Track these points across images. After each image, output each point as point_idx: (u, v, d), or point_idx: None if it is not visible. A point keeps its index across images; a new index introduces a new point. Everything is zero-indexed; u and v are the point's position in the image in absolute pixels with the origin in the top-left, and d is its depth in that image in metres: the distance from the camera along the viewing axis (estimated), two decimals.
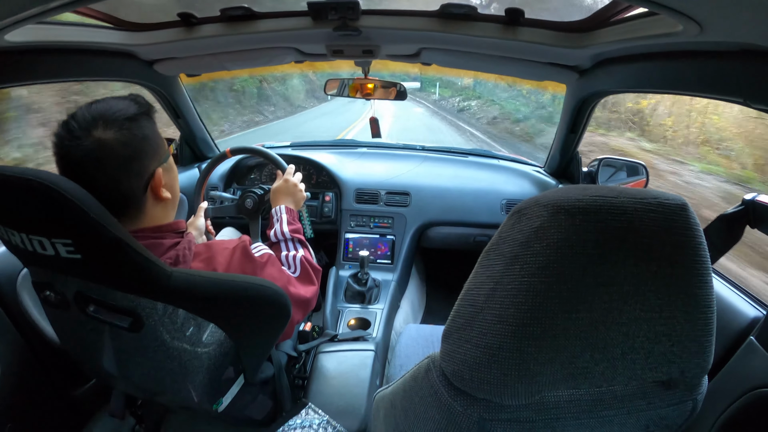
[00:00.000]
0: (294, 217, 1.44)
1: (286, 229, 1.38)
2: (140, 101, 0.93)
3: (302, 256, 1.30)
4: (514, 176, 2.39)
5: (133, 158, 0.88)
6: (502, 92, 17.26)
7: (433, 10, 1.39)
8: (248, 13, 1.47)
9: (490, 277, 0.59)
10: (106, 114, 0.85)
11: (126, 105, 0.89)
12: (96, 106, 0.87)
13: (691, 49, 1.04)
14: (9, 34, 1.04)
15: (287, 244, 1.36)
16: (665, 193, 0.56)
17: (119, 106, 0.88)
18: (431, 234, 2.29)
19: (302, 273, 1.26)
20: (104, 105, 0.87)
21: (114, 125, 0.85)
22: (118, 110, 0.87)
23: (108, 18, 1.47)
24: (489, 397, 0.60)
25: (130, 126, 0.87)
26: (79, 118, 0.85)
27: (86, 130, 0.83)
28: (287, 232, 1.37)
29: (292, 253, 1.31)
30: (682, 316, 0.57)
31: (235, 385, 1.11)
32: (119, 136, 0.85)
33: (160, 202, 0.95)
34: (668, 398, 0.65)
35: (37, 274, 0.93)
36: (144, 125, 0.91)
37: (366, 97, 1.94)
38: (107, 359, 1.02)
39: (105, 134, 0.84)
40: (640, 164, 2.06)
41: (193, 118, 2.30)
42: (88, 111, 0.86)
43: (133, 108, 0.89)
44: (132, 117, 0.88)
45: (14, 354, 1.33)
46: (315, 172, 2.40)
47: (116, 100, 0.90)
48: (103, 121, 0.84)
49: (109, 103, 0.88)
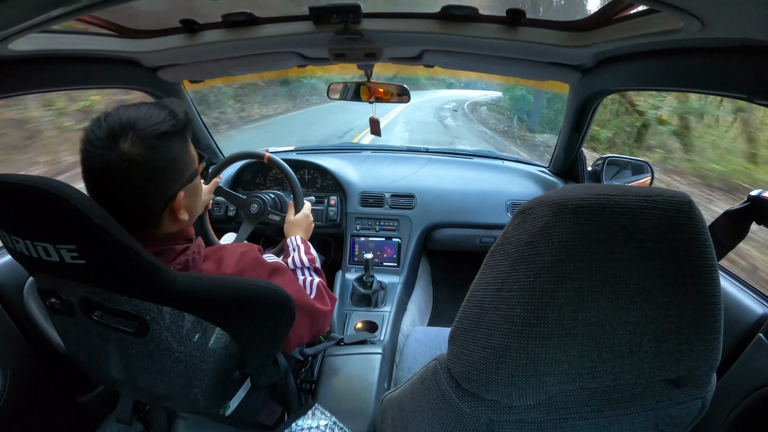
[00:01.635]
0: (309, 247, 1.48)
1: (304, 257, 1.41)
2: (178, 116, 0.88)
3: (319, 281, 1.33)
4: (518, 176, 2.39)
5: (155, 179, 0.85)
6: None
7: (434, 12, 1.39)
8: (250, 18, 1.47)
9: (495, 278, 0.59)
10: (137, 126, 0.82)
11: (161, 119, 0.85)
12: (130, 112, 0.84)
13: (693, 46, 1.04)
14: (12, 43, 1.05)
15: (304, 271, 1.38)
16: (670, 191, 0.56)
17: (153, 120, 0.84)
18: (437, 236, 2.29)
19: (317, 296, 1.28)
20: (138, 113, 0.84)
21: (143, 142, 0.82)
22: (151, 124, 0.83)
23: (111, 26, 1.48)
24: (497, 398, 0.60)
25: (158, 145, 0.84)
26: (110, 124, 0.81)
27: (113, 140, 0.80)
28: (306, 260, 1.40)
29: (309, 279, 1.33)
30: (689, 313, 0.57)
31: (241, 389, 1.11)
32: (145, 154, 0.82)
33: (176, 221, 0.93)
34: (677, 396, 0.64)
35: (42, 281, 0.93)
36: (174, 145, 0.87)
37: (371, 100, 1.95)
38: (114, 365, 1.02)
39: (132, 149, 0.81)
40: (645, 162, 2.05)
41: (198, 125, 2.31)
42: (120, 116, 0.83)
43: (168, 124, 0.85)
44: (163, 134, 0.84)
45: (22, 361, 1.34)
46: (320, 176, 2.40)
47: (153, 110, 0.86)
48: (133, 133, 0.81)
49: (144, 112, 0.84)
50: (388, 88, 1.91)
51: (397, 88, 1.92)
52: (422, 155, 2.63)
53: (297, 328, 1.12)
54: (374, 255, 2.15)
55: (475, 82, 23.80)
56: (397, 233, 2.25)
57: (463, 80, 25.39)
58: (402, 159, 2.58)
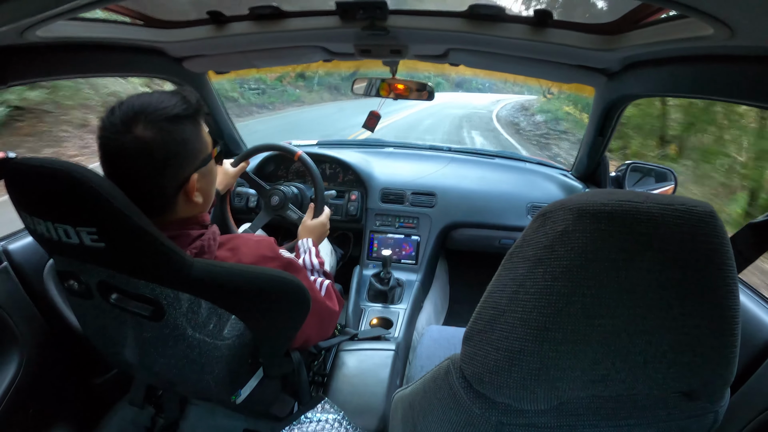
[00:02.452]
0: (319, 252, 1.49)
1: (315, 260, 1.43)
2: (190, 101, 0.91)
3: (329, 283, 1.34)
4: (540, 179, 2.37)
5: (168, 161, 0.88)
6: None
7: (461, 10, 1.38)
8: (276, 11, 1.47)
9: (513, 280, 0.59)
10: (148, 110, 0.85)
11: (173, 103, 0.88)
12: (143, 99, 0.87)
13: (722, 54, 1.02)
14: (41, 29, 1.06)
15: (314, 273, 1.40)
16: (692, 200, 0.55)
17: (165, 104, 0.87)
18: (456, 235, 2.28)
19: (327, 296, 1.30)
20: (151, 99, 0.87)
21: (154, 125, 0.84)
22: (161, 108, 0.86)
23: (138, 15, 1.50)
24: (508, 401, 0.59)
25: (170, 128, 0.86)
26: (124, 109, 0.85)
27: (126, 125, 0.83)
28: (316, 263, 1.42)
29: (320, 279, 1.34)
30: (706, 326, 0.56)
31: (253, 378, 1.12)
32: (157, 137, 0.85)
33: (190, 203, 0.95)
34: (689, 409, 0.63)
35: (61, 263, 0.95)
36: (186, 128, 0.90)
37: (396, 97, 1.94)
38: (129, 349, 1.04)
39: (144, 133, 0.84)
40: (669, 170, 2.03)
41: (221, 115, 2.33)
42: (133, 103, 0.86)
43: (178, 108, 0.88)
44: (174, 118, 0.87)
45: (39, 342, 1.36)
46: (341, 171, 2.41)
47: (165, 95, 0.89)
48: (144, 117, 0.84)
49: (156, 98, 0.87)
50: (410, 85, 1.91)
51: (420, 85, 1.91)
52: (445, 154, 2.62)
53: (305, 326, 1.13)
54: (393, 252, 2.15)
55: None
56: (417, 231, 2.24)
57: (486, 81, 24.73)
58: (424, 157, 2.57)
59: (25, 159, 0.79)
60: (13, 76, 1.20)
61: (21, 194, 0.83)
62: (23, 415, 1.30)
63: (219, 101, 2.26)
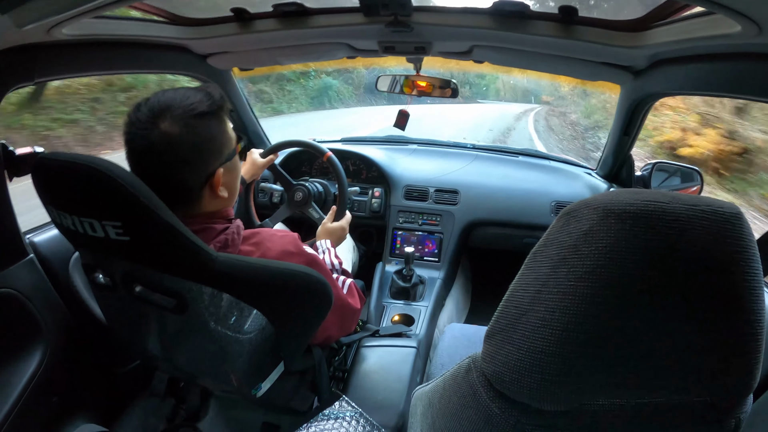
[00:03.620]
0: (336, 253, 1.50)
1: (335, 260, 1.44)
2: (214, 97, 0.93)
3: (351, 281, 1.35)
4: (564, 178, 2.35)
5: (194, 156, 0.90)
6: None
7: (485, 7, 1.37)
8: (300, 9, 1.48)
9: (536, 280, 0.59)
10: (174, 106, 0.87)
11: (198, 100, 0.90)
12: (168, 95, 0.89)
13: (750, 51, 1.00)
14: (67, 27, 1.08)
15: (334, 272, 1.40)
16: (719, 201, 0.54)
17: (191, 100, 0.89)
18: (479, 233, 2.27)
19: (349, 293, 1.30)
20: (176, 95, 0.89)
21: (180, 121, 0.87)
22: (188, 105, 0.88)
23: (163, 13, 1.51)
24: (528, 402, 0.59)
25: (196, 124, 0.88)
26: (150, 105, 0.87)
27: (153, 121, 0.85)
28: (336, 263, 1.43)
29: (342, 278, 1.35)
30: (729, 331, 0.54)
31: (274, 372, 1.13)
32: (184, 133, 0.87)
33: (216, 197, 0.97)
34: (711, 415, 0.62)
35: (86, 256, 0.97)
36: (211, 124, 0.92)
37: (420, 94, 1.94)
38: (152, 340, 1.05)
39: (170, 128, 0.86)
40: (695, 170, 1.99)
41: (246, 112, 2.34)
42: (159, 99, 0.88)
43: (204, 104, 0.90)
44: (200, 114, 0.89)
45: (64, 332, 1.38)
46: (365, 168, 2.41)
47: (190, 92, 0.91)
48: (170, 113, 0.86)
49: (181, 95, 0.90)
50: (434, 82, 1.90)
51: (443, 81, 1.90)
52: (468, 151, 2.61)
53: (326, 322, 1.13)
54: (415, 249, 2.14)
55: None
56: (440, 228, 2.24)
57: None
58: (448, 154, 2.57)
59: (52, 154, 0.81)
60: (40, 73, 1.23)
61: (47, 189, 0.85)
62: (47, 404, 1.32)
63: (243, 97, 2.28)
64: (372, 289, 2.01)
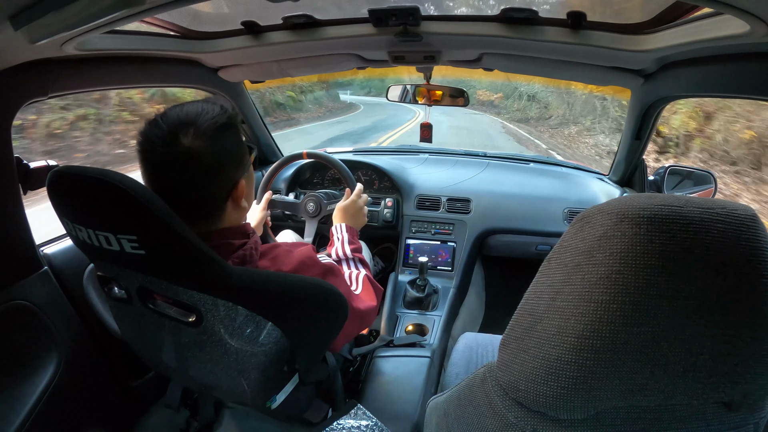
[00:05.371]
0: (354, 235, 1.47)
1: (347, 248, 1.40)
2: (228, 110, 0.94)
3: (365, 275, 1.33)
4: (577, 184, 2.35)
5: (219, 169, 0.90)
6: None
7: (494, 14, 1.38)
8: (310, 20, 1.49)
9: (550, 287, 0.58)
10: (197, 121, 0.87)
11: (217, 113, 0.90)
12: (186, 110, 0.89)
13: (760, 51, 1.00)
14: (79, 42, 1.10)
15: (348, 263, 1.39)
16: (734, 203, 0.54)
17: (210, 114, 0.89)
18: (492, 242, 2.26)
19: (364, 290, 1.29)
20: (195, 109, 0.89)
21: (204, 134, 0.87)
22: (209, 119, 0.88)
23: (174, 27, 1.53)
24: (544, 410, 0.58)
25: (218, 137, 0.89)
26: (170, 121, 0.86)
27: (175, 135, 0.85)
28: (349, 251, 1.40)
29: (355, 273, 1.34)
30: (747, 334, 0.54)
31: (289, 383, 1.13)
32: (208, 146, 0.87)
33: (238, 209, 0.98)
34: (729, 420, 0.61)
35: (102, 269, 0.97)
36: (231, 135, 0.93)
37: (432, 103, 1.95)
38: (166, 353, 1.06)
39: (194, 143, 0.85)
40: (709, 173, 1.98)
41: (257, 124, 2.37)
42: (179, 114, 0.88)
43: (223, 117, 0.91)
44: (221, 127, 0.90)
45: (78, 344, 1.39)
46: (377, 177, 2.42)
47: (206, 105, 0.91)
48: (194, 128, 0.86)
49: (200, 108, 0.90)
50: (445, 90, 1.91)
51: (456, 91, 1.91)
52: (480, 159, 2.61)
53: (345, 328, 1.13)
54: (428, 258, 2.14)
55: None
56: (453, 237, 2.24)
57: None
58: (460, 163, 2.57)
59: (67, 168, 0.81)
60: (53, 88, 1.25)
61: (62, 202, 0.85)
62: (60, 415, 1.33)
63: (255, 109, 2.30)
64: (385, 299, 2.01)
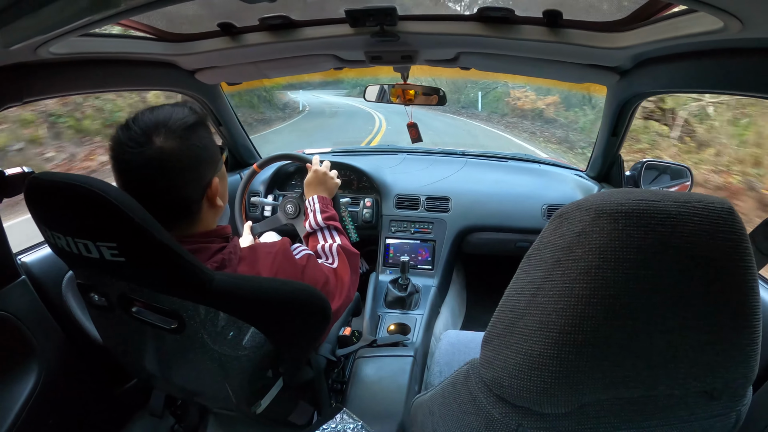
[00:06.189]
0: (327, 204, 1.47)
1: (320, 218, 1.41)
2: (197, 110, 0.95)
3: (338, 245, 1.34)
4: (555, 181, 2.37)
5: (192, 167, 0.91)
6: None
7: (470, 14, 1.38)
8: (287, 21, 1.48)
9: (531, 283, 0.59)
10: (168, 122, 0.88)
11: (185, 114, 0.92)
12: (156, 113, 0.90)
13: (734, 47, 1.01)
14: (54, 46, 1.08)
15: (323, 233, 1.39)
16: (710, 197, 0.55)
17: (179, 115, 0.90)
18: (472, 239, 2.27)
19: (340, 262, 1.29)
20: (164, 112, 0.90)
21: (175, 134, 0.87)
22: (178, 119, 0.89)
23: (150, 30, 1.51)
24: (528, 405, 0.59)
25: (190, 135, 0.90)
26: (141, 123, 0.87)
27: (148, 136, 0.86)
28: (321, 220, 1.41)
29: (329, 243, 1.34)
30: (727, 324, 0.55)
31: (273, 387, 1.12)
32: (180, 145, 0.88)
33: (213, 208, 0.98)
34: (711, 409, 0.63)
35: (82, 276, 0.96)
36: (201, 134, 0.93)
37: (407, 103, 1.95)
38: (149, 360, 1.05)
39: (167, 143, 0.86)
40: (685, 167, 2.01)
41: (235, 126, 2.35)
42: (149, 117, 0.88)
43: (192, 117, 0.92)
44: (191, 126, 0.91)
45: (59, 353, 1.37)
46: (355, 178, 2.42)
47: (175, 108, 0.92)
48: (165, 129, 0.87)
49: (168, 111, 0.91)
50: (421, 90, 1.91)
51: (430, 89, 1.91)
52: (459, 158, 2.62)
53: None
54: (409, 257, 2.14)
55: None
56: (432, 236, 2.24)
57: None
58: (438, 161, 2.57)
59: (45, 174, 0.80)
60: (28, 93, 1.22)
61: (40, 209, 0.84)
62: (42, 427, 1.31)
63: (232, 112, 2.28)
64: (366, 299, 2.01)
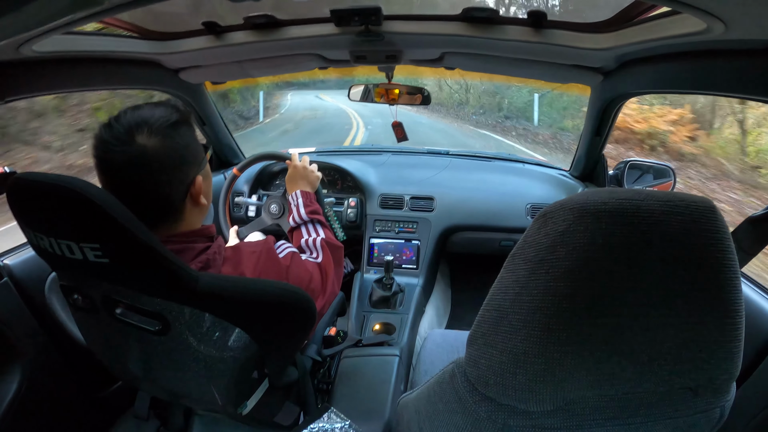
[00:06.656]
0: (310, 199, 1.47)
1: (303, 212, 1.41)
2: (180, 108, 0.95)
3: (322, 239, 1.33)
4: (539, 180, 2.37)
5: (175, 166, 0.90)
6: None
7: (455, 14, 1.38)
8: (271, 20, 1.48)
9: (515, 282, 0.59)
10: (150, 120, 0.87)
11: (168, 112, 0.91)
12: (139, 112, 0.89)
13: (717, 48, 1.02)
14: (37, 44, 1.06)
15: (307, 227, 1.39)
16: (692, 196, 0.55)
17: (162, 113, 0.90)
18: (456, 239, 2.28)
19: (324, 256, 1.29)
20: (147, 111, 0.89)
21: (158, 132, 0.87)
22: (161, 117, 0.89)
23: (134, 28, 1.50)
24: (514, 403, 0.59)
25: (173, 134, 0.89)
26: (124, 122, 0.86)
27: (130, 135, 0.85)
28: (304, 214, 1.40)
29: (312, 237, 1.34)
30: (710, 321, 0.56)
31: (259, 388, 1.12)
32: (163, 144, 0.87)
33: (197, 207, 0.98)
34: (696, 405, 0.63)
35: (65, 278, 0.95)
36: (185, 133, 0.93)
37: (391, 102, 1.94)
38: (133, 362, 1.03)
39: (149, 141, 0.86)
40: (668, 166, 2.03)
41: (219, 125, 2.33)
42: (131, 116, 0.87)
43: (174, 115, 0.91)
44: (174, 124, 0.90)
45: (42, 356, 1.36)
46: (340, 178, 2.41)
47: (157, 107, 0.92)
48: (147, 127, 0.86)
49: (151, 110, 0.90)
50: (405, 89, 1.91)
51: (415, 89, 1.91)
52: (443, 157, 2.62)
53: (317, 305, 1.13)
54: (393, 257, 2.14)
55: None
56: (417, 235, 2.24)
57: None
58: (422, 161, 2.58)
59: (27, 174, 0.79)
60: (10, 92, 1.21)
61: (23, 210, 0.82)
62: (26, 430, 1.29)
63: (216, 111, 2.27)
64: (351, 299, 2.01)
